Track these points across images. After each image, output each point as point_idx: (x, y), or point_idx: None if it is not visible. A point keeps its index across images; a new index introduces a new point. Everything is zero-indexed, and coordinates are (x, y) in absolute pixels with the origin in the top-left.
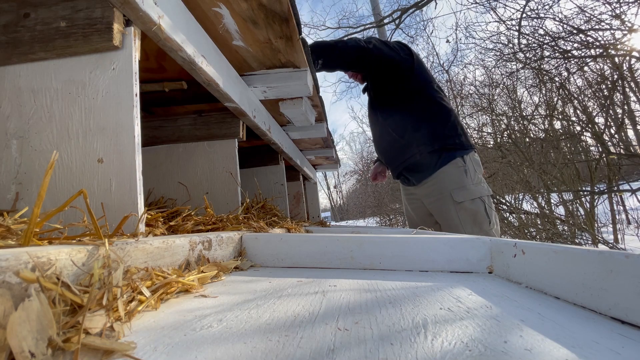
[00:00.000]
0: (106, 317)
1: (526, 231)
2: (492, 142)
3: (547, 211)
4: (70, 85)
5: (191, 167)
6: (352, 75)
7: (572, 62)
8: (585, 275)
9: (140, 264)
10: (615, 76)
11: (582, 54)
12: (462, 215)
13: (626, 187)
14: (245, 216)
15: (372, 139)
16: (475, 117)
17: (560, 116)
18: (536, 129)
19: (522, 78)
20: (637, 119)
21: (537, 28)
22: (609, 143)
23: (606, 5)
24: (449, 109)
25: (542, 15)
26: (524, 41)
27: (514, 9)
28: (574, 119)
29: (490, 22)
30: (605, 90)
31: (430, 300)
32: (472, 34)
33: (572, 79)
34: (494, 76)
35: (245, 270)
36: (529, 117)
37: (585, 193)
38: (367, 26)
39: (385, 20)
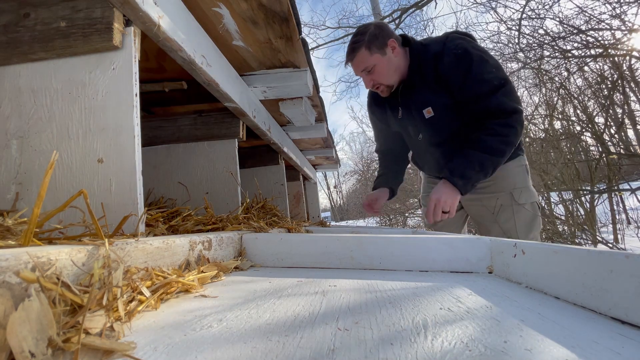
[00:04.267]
0: (106, 317)
1: None
2: None
3: (547, 211)
4: (70, 85)
5: (191, 167)
6: (374, 88)
7: (572, 62)
8: (585, 275)
9: (140, 264)
10: (615, 76)
11: (582, 54)
12: (520, 218)
13: (626, 187)
14: (245, 216)
15: (411, 145)
16: None
17: (560, 116)
18: (536, 128)
19: (522, 78)
20: (637, 119)
21: (537, 28)
22: (609, 143)
23: (606, 5)
24: None
25: (542, 15)
26: (524, 41)
27: (514, 9)
28: (574, 119)
29: (490, 22)
30: (605, 90)
31: (430, 300)
32: (472, 34)
33: (572, 79)
34: None
35: (245, 270)
36: (529, 117)
37: (585, 193)
38: None
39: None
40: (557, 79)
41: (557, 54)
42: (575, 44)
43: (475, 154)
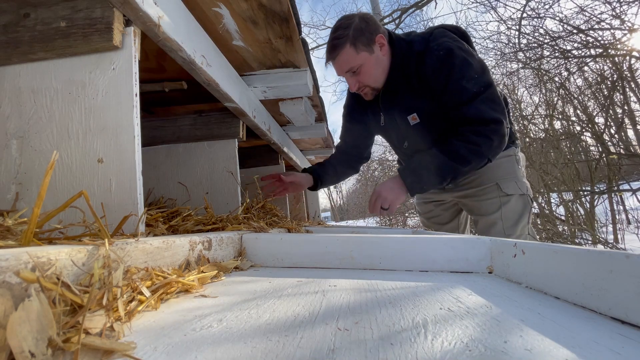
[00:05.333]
0: (106, 317)
1: None
2: None
3: (547, 211)
4: (70, 85)
5: (191, 167)
6: (362, 89)
7: (572, 62)
8: (585, 275)
9: (140, 264)
10: (615, 76)
11: (582, 54)
12: (507, 210)
13: (626, 187)
14: (245, 216)
15: (395, 150)
16: None
17: (560, 116)
18: (536, 129)
19: (522, 78)
20: (637, 119)
21: (537, 28)
22: (609, 143)
23: (606, 5)
24: (503, 96)
25: (542, 14)
26: (524, 41)
27: (514, 8)
28: (574, 119)
29: (490, 21)
30: (605, 90)
31: (430, 300)
32: (472, 34)
33: (572, 78)
34: (494, 76)
35: (245, 270)
36: (529, 117)
37: (585, 193)
38: None
39: (385, 20)
40: (557, 79)
41: (557, 54)
42: (575, 44)
43: (438, 157)
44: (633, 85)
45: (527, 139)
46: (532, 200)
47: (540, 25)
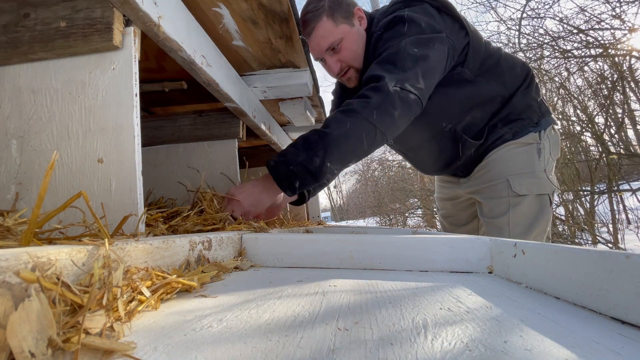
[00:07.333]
0: (106, 317)
1: None
2: None
3: None
4: (70, 85)
5: (191, 167)
6: (341, 75)
7: (572, 62)
8: (585, 275)
9: (140, 264)
10: (615, 76)
11: (582, 54)
12: (516, 214)
13: (626, 187)
14: None
15: (404, 149)
16: None
17: (560, 116)
18: None
19: None
20: (637, 119)
21: (537, 28)
22: (609, 143)
23: (606, 5)
24: (518, 64)
25: (542, 14)
26: (524, 41)
27: (514, 8)
28: (574, 119)
29: (490, 21)
30: (605, 90)
31: (430, 300)
32: None
33: (572, 78)
34: None
35: (245, 270)
36: None
37: (585, 193)
38: None
39: None
40: (557, 79)
41: (557, 54)
42: (575, 44)
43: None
44: (633, 85)
45: None
46: (551, 200)
47: (540, 25)
